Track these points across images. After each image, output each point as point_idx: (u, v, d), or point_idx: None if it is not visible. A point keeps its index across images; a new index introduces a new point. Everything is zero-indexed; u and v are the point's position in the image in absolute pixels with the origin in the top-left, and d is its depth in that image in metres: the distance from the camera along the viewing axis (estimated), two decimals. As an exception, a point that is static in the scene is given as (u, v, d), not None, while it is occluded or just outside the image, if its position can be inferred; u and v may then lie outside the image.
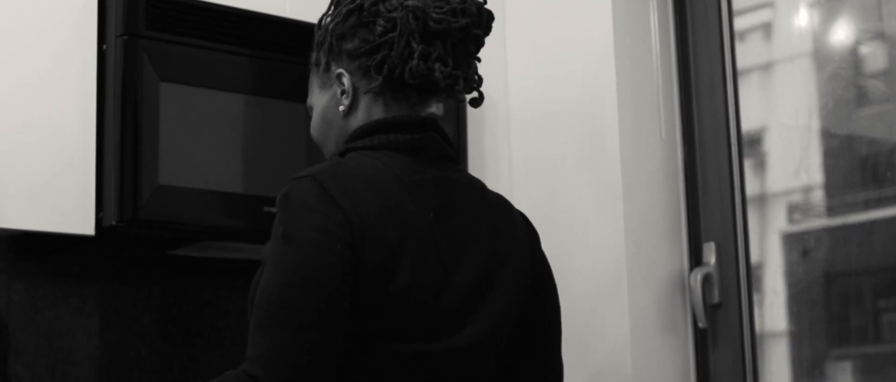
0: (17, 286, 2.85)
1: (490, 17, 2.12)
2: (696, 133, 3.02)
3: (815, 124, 3.04)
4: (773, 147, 3.12)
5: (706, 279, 2.93)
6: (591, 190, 2.96)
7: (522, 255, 2.13)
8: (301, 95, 2.87)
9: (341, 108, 2.11)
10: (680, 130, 3.03)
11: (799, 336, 3.01)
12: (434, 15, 2.04)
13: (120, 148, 2.64)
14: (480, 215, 2.09)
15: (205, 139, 2.75)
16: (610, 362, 2.86)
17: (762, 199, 3.08)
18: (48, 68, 2.63)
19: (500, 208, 2.15)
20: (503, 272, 2.07)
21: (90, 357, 2.92)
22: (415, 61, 2.03)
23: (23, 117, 2.59)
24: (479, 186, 2.15)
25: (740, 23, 3.09)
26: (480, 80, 2.13)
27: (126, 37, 2.67)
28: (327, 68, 2.13)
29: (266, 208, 2.77)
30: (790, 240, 3.08)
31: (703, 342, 2.96)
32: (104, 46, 2.70)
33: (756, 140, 3.12)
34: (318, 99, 2.16)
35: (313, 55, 2.18)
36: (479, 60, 2.14)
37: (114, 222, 2.62)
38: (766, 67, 3.17)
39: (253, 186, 2.79)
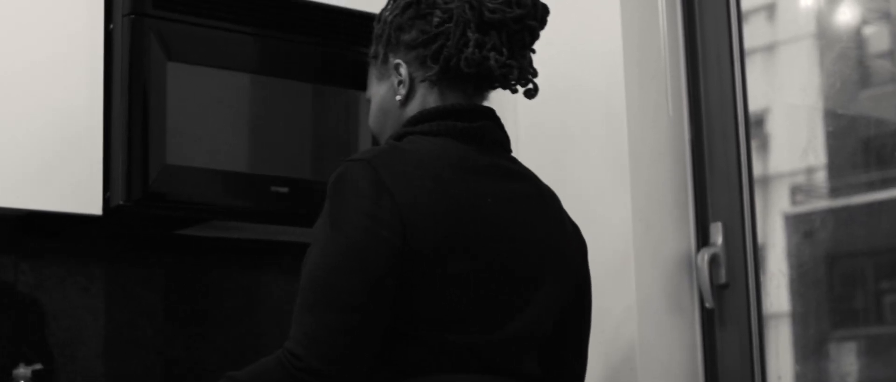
0: (23, 266, 2.85)
1: (545, 9, 2.17)
2: (703, 112, 3.02)
3: (819, 105, 3.04)
4: (777, 128, 3.12)
5: (713, 260, 2.92)
6: (598, 169, 2.95)
7: (573, 255, 2.20)
8: (307, 74, 2.87)
9: (398, 97, 2.15)
10: (687, 109, 3.03)
11: (802, 318, 3.01)
12: (489, 5, 2.09)
13: (127, 127, 2.64)
14: (536, 206, 2.15)
15: (212, 119, 2.75)
16: (616, 341, 2.87)
17: (765, 180, 3.08)
18: (55, 48, 2.62)
19: (552, 203, 2.20)
20: (556, 266, 2.13)
21: (97, 337, 2.92)
22: (470, 50, 2.08)
23: (30, 97, 2.58)
24: (533, 177, 2.20)
25: (744, 3, 3.09)
26: (535, 72, 2.18)
27: (133, 16, 2.67)
28: (385, 60, 2.18)
29: (273, 188, 2.77)
30: (793, 221, 3.08)
31: (710, 322, 2.96)
32: (111, 26, 2.69)
33: (759, 121, 3.11)
34: (376, 90, 2.21)
35: (372, 48, 2.23)
36: (534, 51, 2.18)
37: (121, 202, 2.63)
38: (770, 48, 3.17)
39: (260, 165, 2.79)
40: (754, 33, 3.11)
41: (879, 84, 3.03)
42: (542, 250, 2.11)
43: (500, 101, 3.00)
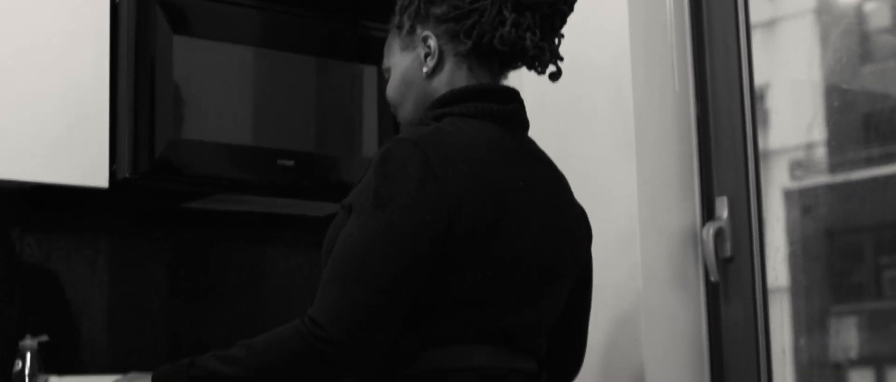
0: (29, 239, 2.85)
1: None
2: (708, 88, 3.02)
3: (820, 81, 3.05)
4: (776, 104, 3.12)
5: (718, 234, 2.93)
6: (604, 144, 2.96)
7: (582, 238, 2.23)
8: (311, 47, 2.88)
9: (425, 69, 2.15)
10: (693, 84, 3.03)
11: (800, 293, 3.02)
12: None
13: (133, 101, 2.64)
14: (555, 190, 2.17)
15: (218, 92, 2.75)
16: (622, 315, 2.88)
17: (765, 155, 3.09)
18: (62, 21, 2.62)
19: (566, 187, 2.22)
20: (570, 252, 2.17)
21: (102, 310, 2.92)
22: (507, 29, 2.09)
23: (37, 71, 2.58)
24: (549, 160, 2.21)
25: (747, -21, 3.09)
26: (561, 56, 2.20)
27: (139, -11, 2.67)
28: (411, 31, 2.18)
29: (279, 161, 2.77)
30: (792, 197, 3.09)
31: (714, 296, 2.96)
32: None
33: (759, 97, 3.12)
34: (400, 60, 2.20)
35: (396, 18, 2.22)
36: (562, 36, 2.20)
37: (127, 175, 2.63)
38: (771, 24, 3.17)
39: (266, 138, 2.80)
40: (756, 9, 3.11)
41: (881, 59, 3.04)
42: (562, 235, 2.14)
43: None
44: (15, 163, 2.54)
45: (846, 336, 3.02)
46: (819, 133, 3.07)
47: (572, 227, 2.19)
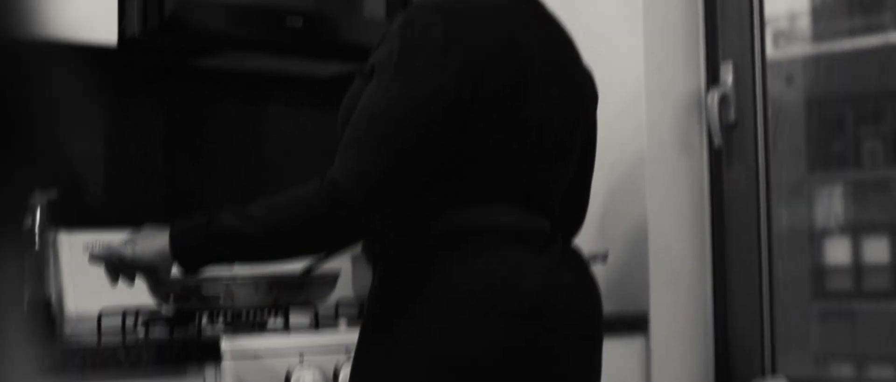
0: (36, 96, 2.82)
1: None
2: (715, -48, 3.04)
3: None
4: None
5: (723, 99, 2.96)
6: (610, 9, 2.97)
7: (591, 100, 2.23)
8: None
9: None
10: (700, -51, 3.04)
11: (782, 162, 3.06)
12: None
13: (143, -44, 2.61)
14: (569, 51, 2.17)
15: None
16: (625, 179, 2.91)
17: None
18: None
19: (575, 47, 2.21)
20: (583, 113, 2.17)
21: (107, 167, 2.91)
22: None
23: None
24: (559, 21, 2.20)
25: None
26: None
27: None
28: None
29: (288, 19, 2.76)
30: (775, 67, 3.12)
31: (717, 161, 3.00)
32: None
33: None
34: None
35: None
36: None
37: (136, 32, 2.60)
38: None
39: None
40: None
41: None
42: (576, 96, 2.15)
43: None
44: (22, 20, 2.50)
45: (825, 205, 3.08)
46: (802, 3, 3.09)
47: (583, 89, 2.20)
